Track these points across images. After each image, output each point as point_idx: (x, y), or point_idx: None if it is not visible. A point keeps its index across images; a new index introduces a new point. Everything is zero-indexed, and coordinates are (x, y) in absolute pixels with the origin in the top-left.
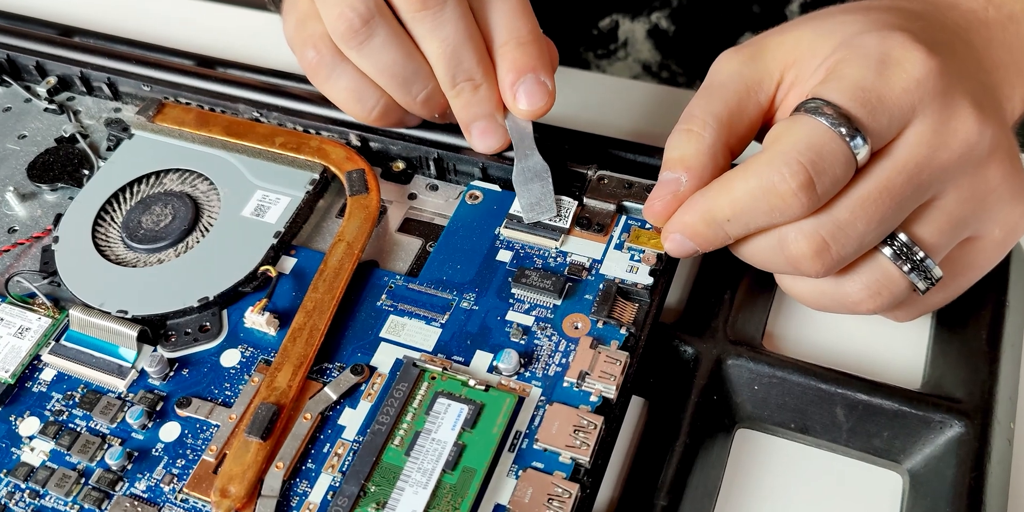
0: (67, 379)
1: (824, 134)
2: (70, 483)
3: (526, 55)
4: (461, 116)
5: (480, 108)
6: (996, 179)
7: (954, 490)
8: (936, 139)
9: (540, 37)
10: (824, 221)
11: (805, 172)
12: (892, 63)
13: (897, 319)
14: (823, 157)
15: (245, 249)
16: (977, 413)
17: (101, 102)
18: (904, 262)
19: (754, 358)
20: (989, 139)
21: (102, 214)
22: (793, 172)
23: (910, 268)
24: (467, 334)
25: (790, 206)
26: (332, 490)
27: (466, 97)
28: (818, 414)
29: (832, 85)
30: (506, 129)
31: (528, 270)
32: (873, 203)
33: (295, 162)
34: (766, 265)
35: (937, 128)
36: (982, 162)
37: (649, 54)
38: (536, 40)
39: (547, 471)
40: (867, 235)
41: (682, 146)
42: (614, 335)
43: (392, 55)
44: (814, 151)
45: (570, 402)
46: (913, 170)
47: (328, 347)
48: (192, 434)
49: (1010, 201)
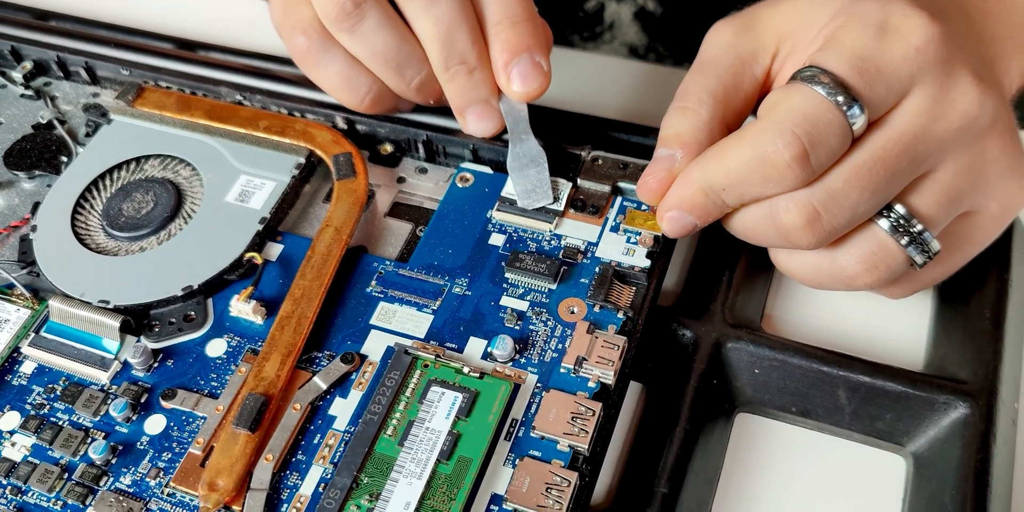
0: (48, 372)
1: (820, 104)
2: (53, 478)
3: (520, 35)
4: (455, 101)
5: (475, 93)
6: (995, 152)
7: (959, 472)
8: (935, 109)
9: (535, 16)
10: (816, 190)
11: (799, 143)
12: (891, 30)
13: (892, 295)
14: (818, 128)
15: (230, 236)
16: (982, 394)
17: (79, 87)
18: (901, 235)
19: (754, 341)
20: (989, 111)
21: (81, 202)
22: (787, 143)
23: (908, 241)
24: (460, 320)
25: (784, 177)
26: (324, 482)
27: (460, 81)
28: (820, 397)
29: (829, 52)
30: (501, 113)
31: (522, 254)
32: (867, 173)
33: (280, 146)
34: (758, 238)
35: (937, 98)
36: (981, 134)
37: (636, 37)
38: (531, 19)
39: (545, 459)
40: (860, 205)
41: (677, 123)
42: (611, 319)
43: (385, 38)
44: (809, 121)
45: (567, 388)
46: (910, 140)
47: (317, 335)
48: (178, 426)
49: (1008, 175)
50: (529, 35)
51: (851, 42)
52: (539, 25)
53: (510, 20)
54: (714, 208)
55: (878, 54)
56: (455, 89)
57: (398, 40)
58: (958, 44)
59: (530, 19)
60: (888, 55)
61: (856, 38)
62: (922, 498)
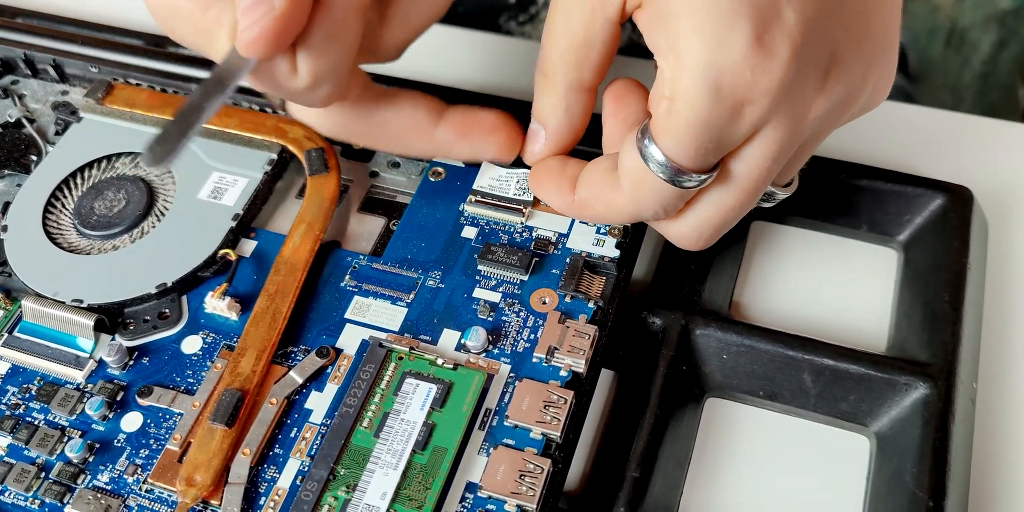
0: (22, 372)
1: (663, 188)
2: (29, 478)
3: None
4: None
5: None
6: (823, 102)
7: (920, 450)
8: (787, 136)
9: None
10: (705, 229)
11: (662, 209)
12: (729, 96)
13: None
14: (670, 197)
15: (203, 233)
16: (941, 374)
17: (47, 85)
18: (761, 201)
19: (722, 327)
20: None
21: (52, 201)
22: (652, 212)
23: (759, 202)
24: (434, 313)
25: (655, 219)
26: (301, 475)
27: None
28: (786, 381)
29: (664, 134)
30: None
31: (494, 246)
32: (745, 205)
33: (252, 142)
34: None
35: (787, 128)
36: (801, 92)
37: None
38: None
39: (518, 447)
40: (743, 215)
41: (539, 96)
42: (582, 309)
43: None
44: (661, 195)
45: (539, 378)
46: (771, 165)
47: (292, 330)
48: (155, 423)
49: (851, 101)
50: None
51: (688, 117)
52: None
53: None
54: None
55: (720, 133)
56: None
57: None
58: (810, 56)
59: None
60: (727, 125)
61: (694, 111)
62: (885, 476)
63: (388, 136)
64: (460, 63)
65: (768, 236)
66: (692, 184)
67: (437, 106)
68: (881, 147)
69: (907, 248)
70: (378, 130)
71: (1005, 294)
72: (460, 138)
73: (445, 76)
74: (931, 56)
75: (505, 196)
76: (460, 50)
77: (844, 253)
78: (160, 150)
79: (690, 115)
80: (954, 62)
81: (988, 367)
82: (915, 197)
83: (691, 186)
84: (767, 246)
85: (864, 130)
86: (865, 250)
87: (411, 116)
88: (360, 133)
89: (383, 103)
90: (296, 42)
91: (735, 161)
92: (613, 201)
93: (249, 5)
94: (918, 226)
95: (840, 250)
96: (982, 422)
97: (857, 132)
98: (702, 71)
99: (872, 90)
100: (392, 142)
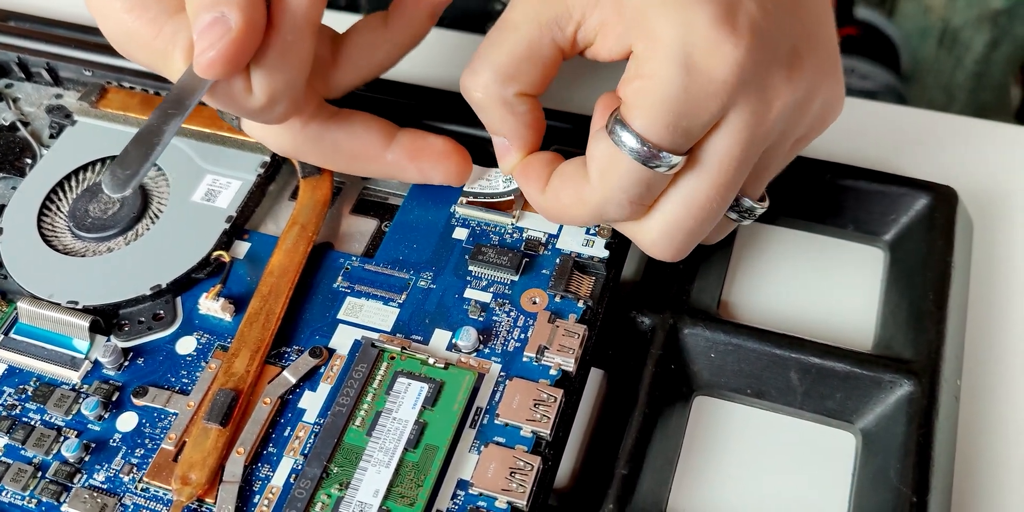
0: (19, 373)
1: (635, 169)
2: (26, 477)
3: None
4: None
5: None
6: (786, 94)
7: (904, 447)
8: (754, 120)
9: None
10: (675, 232)
11: (628, 200)
12: (698, 71)
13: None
14: (638, 184)
15: (197, 235)
16: (925, 372)
17: (41, 88)
18: (735, 212)
19: (710, 326)
20: (804, 90)
21: (47, 204)
22: (618, 204)
23: (738, 216)
24: (425, 313)
25: (622, 217)
26: (295, 473)
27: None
28: (773, 379)
29: (636, 112)
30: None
31: (485, 247)
32: (714, 199)
33: (245, 145)
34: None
35: (754, 112)
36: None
37: None
38: None
39: (509, 445)
40: (715, 221)
41: (481, 114)
42: (572, 309)
43: None
44: (630, 180)
45: (530, 377)
46: (740, 153)
47: (285, 331)
48: (150, 423)
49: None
50: None
51: (656, 93)
52: None
53: None
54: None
55: (687, 107)
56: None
57: None
58: (773, 42)
59: None
60: (697, 103)
61: (660, 86)
62: (870, 472)
63: (340, 157)
64: (449, 64)
65: (755, 236)
66: (663, 167)
67: (389, 129)
68: (867, 147)
69: (893, 248)
70: (330, 151)
71: (989, 293)
72: (409, 162)
73: (434, 77)
74: (923, 56)
75: (496, 192)
76: (448, 51)
77: (831, 253)
78: (122, 175)
79: (662, 90)
80: (946, 62)
81: (972, 365)
82: (900, 197)
83: (662, 170)
84: (755, 246)
85: (850, 131)
86: (851, 249)
87: (362, 138)
88: (312, 152)
89: (335, 124)
90: (251, 62)
91: (705, 147)
92: (580, 191)
93: (205, 27)
94: (903, 226)
95: (827, 250)
96: (966, 419)
97: (843, 133)
98: (673, 47)
99: (823, 104)
100: (344, 163)
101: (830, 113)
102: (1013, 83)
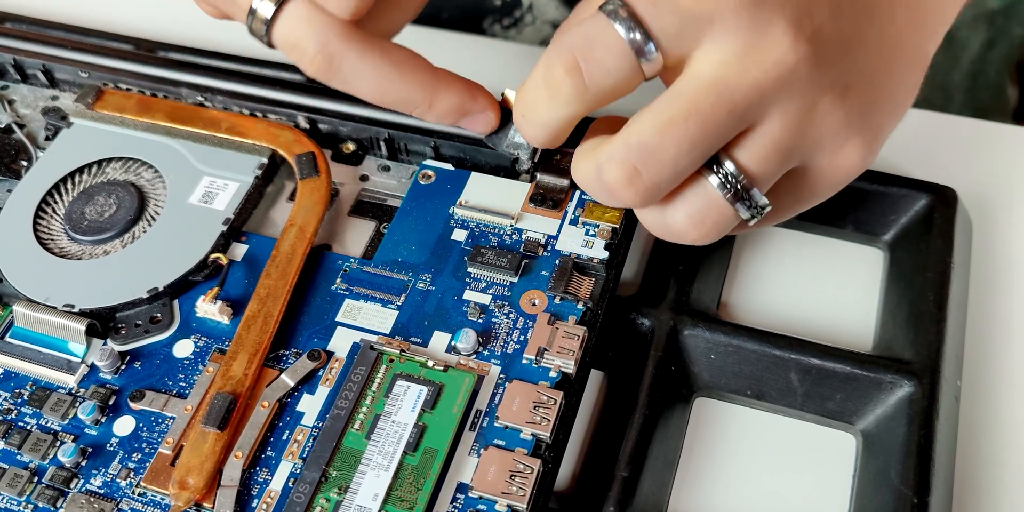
0: (14, 377)
1: (598, 24)
2: (23, 482)
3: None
4: (442, 124)
5: (450, 116)
6: (827, 107)
7: (905, 448)
8: (744, 58)
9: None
10: (633, 146)
11: (572, 57)
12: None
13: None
14: (593, 44)
15: (194, 237)
16: (926, 373)
17: (37, 90)
18: (729, 190)
19: (710, 327)
20: (808, 62)
21: (43, 206)
22: (561, 58)
23: (735, 197)
24: (424, 315)
25: (561, 92)
26: (293, 477)
27: (431, 117)
28: (773, 380)
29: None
30: (485, 113)
31: (484, 248)
32: (681, 125)
33: (242, 147)
34: (597, 196)
35: (744, 46)
36: (810, 87)
37: (557, 12)
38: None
39: (508, 448)
40: (680, 161)
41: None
42: (571, 310)
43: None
44: (586, 39)
45: (529, 379)
46: (722, 91)
47: (283, 334)
48: (147, 427)
49: (841, 133)
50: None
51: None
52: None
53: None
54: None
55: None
56: (433, 120)
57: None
58: (830, 50)
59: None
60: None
61: None
62: (871, 473)
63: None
64: (445, 64)
65: (755, 237)
66: (653, 55)
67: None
68: None
69: (892, 248)
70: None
71: (989, 293)
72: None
73: None
74: None
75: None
76: (443, 53)
77: (830, 253)
78: None
79: None
80: (943, 61)
81: (972, 365)
82: (900, 197)
83: (651, 56)
84: (754, 247)
85: None
86: (851, 250)
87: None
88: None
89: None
90: None
91: (693, 60)
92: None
93: None
94: (903, 226)
95: (826, 250)
96: (966, 419)
97: None
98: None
99: (842, 150)
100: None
101: (836, 174)
102: (1010, 83)
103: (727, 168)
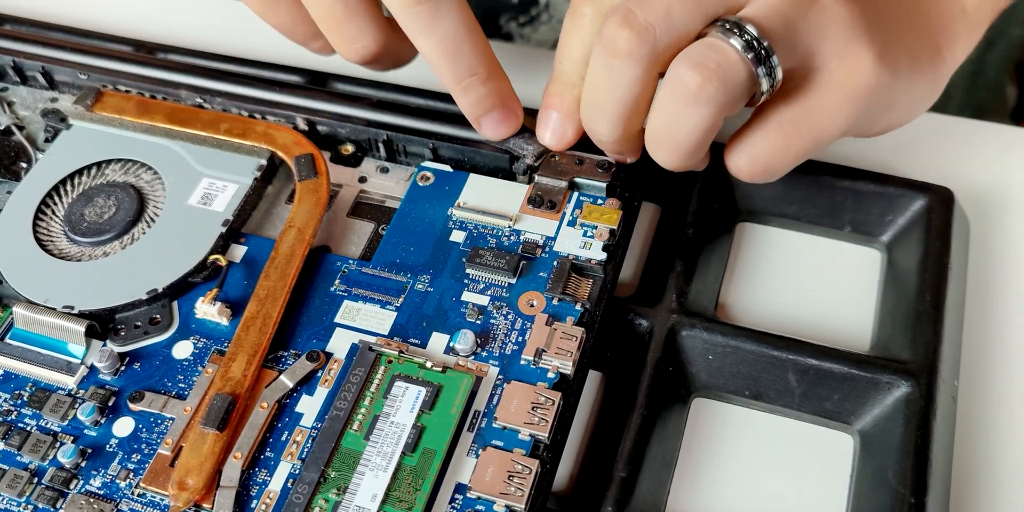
0: (14, 378)
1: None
2: (22, 483)
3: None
4: (471, 112)
5: (490, 101)
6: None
7: (902, 448)
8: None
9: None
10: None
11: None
12: None
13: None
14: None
15: (193, 239)
16: (923, 373)
17: (36, 92)
18: (752, 52)
19: (708, 328)
20: None
21: (43, 208)
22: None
23: (756, 60)
24: (423, 316)
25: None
26: (292, 478)
27: (476, 93)
28: (771, 380)
29: None
30: (518, 115)
31: (482, 250)
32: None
33: (241, 148)
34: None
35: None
36: None
37: None
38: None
39: (507, 449)
40: (673, 4)
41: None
42: (569, 311)
43: None
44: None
45: (527, 380)
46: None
47: (282, 335)
48: (147, 428)
49: (850, 31)
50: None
51: None
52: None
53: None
54: None
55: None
56: (471, 100)
57: None
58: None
59: (498, 75)
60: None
61: None
62: (868, 473)
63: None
64: None
65: (753, 238)
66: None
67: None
68: (863, 148)
69: (890, 249)
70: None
71: (986, 294)
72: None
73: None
74: None
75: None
76: None
77: (828, 254)
78: None
79: None
80: None
81: (969, 365)
82: (897, 198)
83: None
84: (752, 248)
85: None
86: (849, 251)
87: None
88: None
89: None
90: None
91: None
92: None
93: None
94: (901, 227)
95: (824, 251)
96: (963, 420)
97: None
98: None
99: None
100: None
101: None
102: (1009, 83)
103: (750, 32)
